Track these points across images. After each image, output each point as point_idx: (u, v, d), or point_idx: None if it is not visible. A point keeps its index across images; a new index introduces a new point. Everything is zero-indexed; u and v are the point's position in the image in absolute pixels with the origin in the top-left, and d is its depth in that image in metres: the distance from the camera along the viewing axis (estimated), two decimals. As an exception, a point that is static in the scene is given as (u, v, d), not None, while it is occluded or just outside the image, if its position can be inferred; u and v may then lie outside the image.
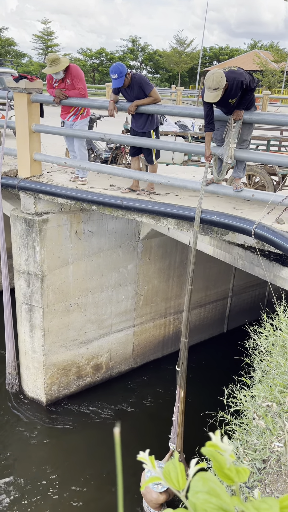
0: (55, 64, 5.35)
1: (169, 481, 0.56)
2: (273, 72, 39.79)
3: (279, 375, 2.11)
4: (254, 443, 1.70)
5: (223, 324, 9.71)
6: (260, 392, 1.99)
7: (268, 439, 1.65)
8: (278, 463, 1.58)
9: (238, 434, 1.89)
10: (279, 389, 1.96)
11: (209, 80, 4.17)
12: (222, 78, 4.16)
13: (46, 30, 49.60)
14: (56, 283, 6.56)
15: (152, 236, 7.44)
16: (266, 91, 17.60)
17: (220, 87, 4.16)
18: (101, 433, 6.61)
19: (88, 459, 6.13)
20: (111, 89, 5.52)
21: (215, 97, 4.21)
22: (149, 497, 4.96)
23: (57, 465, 6.01)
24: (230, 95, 4.32)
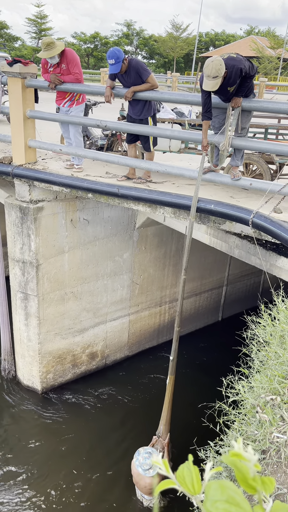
0: (50, 48, 5.23)
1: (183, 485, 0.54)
2: (269, 59, 39.41)
3: (278, 366, 2.11)
4: (254, 433, 1.70)
5: (218, 312, 9.75)
6: (259, 383, 1.99)
7: (268, 430, 1.65)
8: (278, 454, 1.59)
9: (237, 424, 1.89)
10: (278, 380, 1.95)
11: (208, 68, 4.08)
12: (222, 66, 4.08)
13: (39, 13, 48.53)
14: (52, 272, 6.52)
15: (148, 224, 7.41)
16: (263, 78, 17.42)
17: (219, 75, 4.08)
18: (96, 421, 6.65)
19: (82, 447, 6.17)
20: (107, 74, 5.42)
21: (214, 86, 4.13)
22: (143, 484, 5.02)
23: (51, 452, 6.05)
24: (229, 83, 4.25)
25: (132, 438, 6.29)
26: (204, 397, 3.97)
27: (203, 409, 3.02)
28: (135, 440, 6.17)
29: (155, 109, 5.29)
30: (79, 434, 6.40)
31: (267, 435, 1.63)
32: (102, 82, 18.96)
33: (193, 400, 5.60)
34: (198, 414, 4.51)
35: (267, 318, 2.75)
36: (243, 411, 2.07)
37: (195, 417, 4.69)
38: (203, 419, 2.53)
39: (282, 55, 37.44)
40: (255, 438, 1.68)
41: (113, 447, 6.19)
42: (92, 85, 5.83)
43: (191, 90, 20.97)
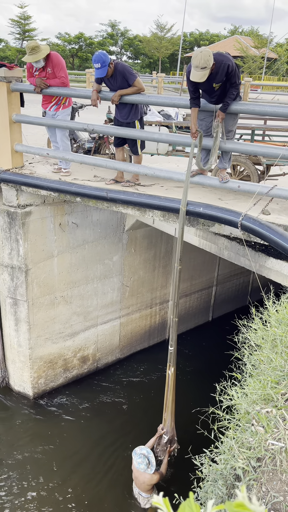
0: (35, 52, 5.19)
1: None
2: (253, 58, 39.74)
3: (270, 371, 2.12)
4: (249, 441, 1.71)
5: (208, 312, 9.79)
6: (253, 389, 2.00)
7: (263, 437, 1.66)
8: (273, 461, 1.60)
9: (231, 431, 1.89)
10: (271, 386, 1.97)
11: (197, 58, 4.04)
12: (210, 57, 4.05)
13: (22, 14, 48.19)
14: (41, 276, 6.47)
15: (137, 227, 7.40)
16: (248, 78, 17.53)
17: (208, 66, 4.06)
18: (88, 425, 6.63)
19: (76, 452, 6.14)
20: (92, 76, 5.40)
21: (201, 77, 4.09)
22: (142, 479, 5.03)
23: (44, 458, 6.01)
24: (215, 79, 4.23)
25: (126, 442, 6.28)
26: (197, 401, 3.98)
27: (196, 414, 3.03)
28: (129, 443, 6.16)
29: (142, 112, 5.29)
30: (72, 439, 6.37)
31: (262, 442, 1.64)
32: (88, 83, 18.87)
33: (186, 405, 5.61)
34: (192, 419, 4.53)
35: (259, 322, 2.77)
36: (237, 416, 2.08)
37: (189, 423, 4.70)
38: (197, 426, 2.53)
39: (266, 54, 37.77)
40: (250, 445, 1.69)
41: (107, 451, 6.17)
42: (78, 88, 5.81)
43: (177, 90, 21.02)
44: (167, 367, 5.27)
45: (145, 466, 4.96)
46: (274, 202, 4.90)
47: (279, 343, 2.30)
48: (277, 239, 3.88)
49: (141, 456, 5.01)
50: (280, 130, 5.74)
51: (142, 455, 5.03)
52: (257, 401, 1.99)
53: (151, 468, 4.97)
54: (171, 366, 5.20)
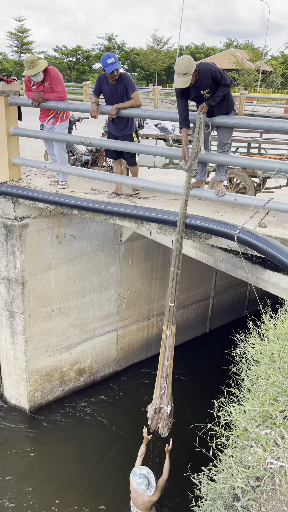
0: (33, 66, 5.24)
1: None
2: (249, 71, 40.28)
3: (269, 387, 2.11)
4: (247, 459, 1.70)
5: (205, 324, 9.76)
6: (251, 405, 1.99)
7: (262, 456, 1.65)
8: (273, 481, 1.58)
9: (229, 449, 1.88)
10: (270, 402, 1.96)
11: (178, 65, 4.15)
12: (191, 63, 4.14)
13: (20, 27, 48.76)
14: (38, 289, 6.45)
15: (134, 238, 7.41)
16: (243, 91, 17.75)
17: (189, 72, 4.14)
18: (86, 439, 6.55)
19: (73, 466, 6.06)
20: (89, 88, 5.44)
21: (184, 83, 4.18)
22: (141, 500, 4.88)
23: (40, 473, 5.92)
24: (201, 86, 4.32)
25: (124, 455, 6.21)
26: (195, 417, 3.95)
27: (194, 430, 3.00)
28: (128, 457, 6.08)
29: (136, 124, 5.35)
30: (69, 453, 6.29)
31: (261, 461, 1.63)
32: (85, 95, 19.03)
33: (184, 419, 5.53)
34: (189, 435, 4.48)
35: (256, 336, 2.76)
36: (236, 433, 2.07)
37: (187, 439, 4.65)
38: (195, 443, 2.51)
39: (261, 67, 38.28)
40: (249, 464, 1.67)
41: (105, 465, 6.09)
42: (76, 102, 5.86)
43: (174, 102, 21.23)
44: (164, 326, 4.86)
45: (145, 487, 4.73)
46: (271, 214, 4.92)
47: (277, 358, 2.30)
48: (274, 252, 3.89)
49: (141, 477, 4.84)
50: (276, 143, 5.79)
51: (142, 476, 4.85)
52: (256, 418, 1.98)
53: (150, 489, 4.74)
54: (171, 324, 4.82)
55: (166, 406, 4.99)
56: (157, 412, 5.02)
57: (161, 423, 5.00)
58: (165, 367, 4.94)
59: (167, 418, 4.99)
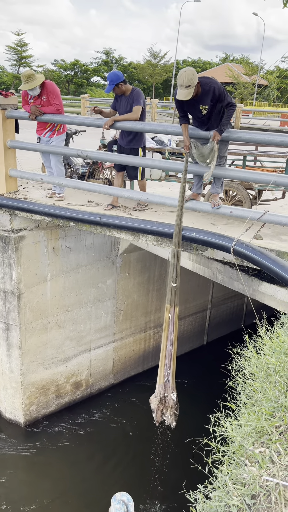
0: (30, 80, 5.30)
1: None
2: (245, 85, 40.81)
3: (265, 401, 2.09)
4: (243, 477, 1.67)
5: (203, 336, 9.72)
6: (247, 420, 1.96)
7: (258, 473, 1.62)
8: (268, 499, 1.55)
9: (225, 466, 1.85)
10: (265, 417, 1.94)
11: (181, 77, 4.17)
12: (194, 76, 4.16)
13: (19, 41, 49.41)
14: (34, 301, 6.42)
15: (131, 250, 7.41)
16: (239, 104, 17.97)
17: (192, 84, 4.16)
18: (82, 454, 6.46)
19: (69, 482, 5.97)
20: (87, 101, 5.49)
21: (186, 95, 4.20)
22: None
23: (37, 488, 5.82)
24: (201, 100, 4.34)
25: (121, 470, 6.12)
26: (190, 431, 3.89)
27: (190, 445, 2.96)
28: (125, 472, 6.01)
29: (145, 140, 5.40)
30: (65, 468, 6.19)
31: (257, 479, 1.60)
32: (83, 108, 19.23)
33: (180, 434, 5.46)
34: (185, 450, 4.42)
35: (252, 349, 2.75)
36: (232, 448, 2.04)
37: (182, 454, 4.58)
38: (191, 459, 2.47)
39: (257, 81, 38.82)
40: (244, 481, 1.65)
41: (102, 480, 6.00)
42: (72, 116, 5.91)
43: (170, 115, 21.47)
44: (166, 309, 4.64)
45: None
46: (267, 227, 4.94)
47: (273, 372, 2.28)
48: (270, 264, 3.89)
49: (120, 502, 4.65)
50: (271, 156, 5.84)
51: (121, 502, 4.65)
52: (252, 434, 1.96)
53: None
54: (174, 306, 4.59)
55: (172, 393, 4.68)
56: (162, 402, 4.70)
57: (168, 413, 4.71)
58: (168, 352, 4.69)
59: (173, 406, 4.68)
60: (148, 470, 5.59)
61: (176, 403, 4.67)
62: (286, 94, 45.06)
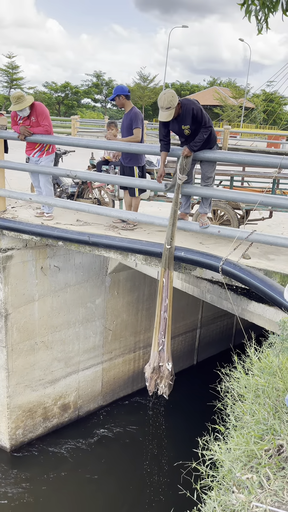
0: (20, 101, 5.35)
1: None
2: (232, 107, 41.74)
3: (253, 424, 2.06)
4: (232, 503, 1.63)
5: (192, 356, 9.64)
6: (236, 444, 1.93)
7: (247, 498, 1.58)
8: (258, 526, 1.51)
9: (214, 492, 1.80)
10: (255, 441, 1.90)
11: (161, 99, 4.29)
12: (174, 98, 4.28)
13: (10, 64, 50.13)
14: (21, 321, 6.33)
15: (120, 269, 7.39)
16: (227, 126, 18.32)
17: (172, 106, 4.28)
18: (70, 479, 6.28)
19: (56, 508, 5.77)
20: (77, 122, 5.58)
21: (167, 116, 4.32)
22: None
23: (22, 518, 5.62)
24: (183, 121, 4.46)
25: (110, 496, 5.95)
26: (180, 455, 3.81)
27: (179, 469, 2.90)
28: (114, 497, 5.83)
29: (143, 160, 5.52)
30: (53, 494, 6.00)
31: (246, 505, 1.56)
32: (73, 129, 19.43)
33: (169, 456, 5.35)
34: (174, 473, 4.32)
35: (241, 370, 2.72)
36: (221, 473, 1.99)
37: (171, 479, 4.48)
38: (179, 485, 2.41)
39: (243, 104, 39.77)
40: (233, 508, 1.60)
41: (90, 506, 5.81)
42: (61, 136, 5.97)
43: (159, 136, 21.75)
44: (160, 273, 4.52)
45: None
46: (254, 246, 4.98)
47: (262, 393, 2.26)
48: (257, 283, 3.90)
49: None
50: (258, 177, 5.93)
51: None
52: (241, 458, 1.92)
53: None
54: (168, 270, 4.49)
55: (167, 363, 4.52)
56: (156, 371, 4.55)
57: (162, 383, 4.54)
58: (163, 320, 4.56)
59: (168, 376, 4.53)
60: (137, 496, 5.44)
61: (171, 374, 4.51)
62: (272, 116, 46.21)
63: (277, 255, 4.86)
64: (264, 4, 4.02)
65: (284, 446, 1.83)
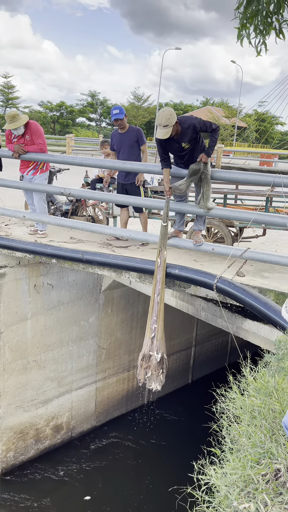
0: (15, 120, 5.39)
1: None
2: (225, 127, 42.43)
3: (250, 447, 2.00)
4: (229, 532, 1.57)
5: (187, 374, 9.52)
6: (232, 469, 1.87)
7: (244, 527, 1.53)
8: None
9: (210, 518, 1.74)
10: (251, 465, 1.85)
11: (159, 117, 4.31)
12: (172, 116, 4.29)
13: (6, 84, 50.84)
14: (13, 340, 6.23)
15: (114, 287, 7.34)
16: (220, 144, 18.59)
17: (170, 124, 4.29)
18: (63, 503, 6.09)
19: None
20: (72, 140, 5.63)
21: (165, 134, 4.33)
22: None
23: None
24: (182, 139, 4.47)
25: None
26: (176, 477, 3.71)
27: (173, 494, 2.81)
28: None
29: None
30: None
31: (243, 534, 1.50)
32: (68, 147, 19.60)
33: (164, 480, 5.19)
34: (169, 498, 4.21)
35: (236, 390, 2.67)
36: (218, 498, 1.93)
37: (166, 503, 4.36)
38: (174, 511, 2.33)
39: (236, 123, 40.45)
40: (230, 537, 1.54)
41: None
42: (56, 154, 5.99)
43: (153, 155, 22.00)
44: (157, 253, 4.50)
45: None
46: (248, 263, 4.97)
47: (258, 415, 2.21)
48: (252, 301, 3.88)
49: None
50: (251, 195, 5.97)
51: None
52: (237, 483, 1.86)
53: None
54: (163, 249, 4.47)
55: (156, 353, 4.16)
56: (146, 359, 4.26)
57: (150, 374, 4.22)
58: (156, 304, 4.39)
59: (157, 368, 4.19)
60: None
61: (161, 366, 4.20)
62: (264, 135, 47.01)
63: (271, 272, 4.85)
64: (256, 28, 4.11)
65: (282, 471, 1.78)
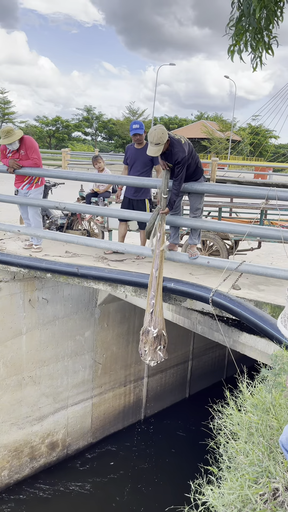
0: (9, 135, 5.41)
1: None
2: (219, 140, 42.88)
3: (247, 465, 1.97)
4: None
5: (185, 389, 9.43)
6: (229, 488, 1.83)
7: None
8: None
9: None
10: (249, 484, 1.81)
11: (151, 135, 4.34)
12: (163, 135, 4.32)
13: (2, 99, 51.30)
14: (8, 356, 6.15)
15: (110, 301, 7.30)
16: (214, 158, 18.73)
17: (161, 142, 4.32)
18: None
19: None
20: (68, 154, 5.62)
21: (156, 152, 4.36)
22: None
23: None
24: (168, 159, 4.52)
25: None
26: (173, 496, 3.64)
27: None
28: None
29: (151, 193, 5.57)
30: None
31: None
32: (63, 161, 19.68)
33: (160, 499, 5.09)
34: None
35: (233, 406, 2.64)
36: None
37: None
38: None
39: (230, 137, 40.90)
40: None
41: None
42: (50, 169, 6.01)
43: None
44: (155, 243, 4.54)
45: None
46: (244, 276, 4.97)
47: (255, 432, 2.17)
48: (248, 315, 3.86)
49: None
50: (246, 208, 5.99)
51: None
52: (235, 503, 1.82)
53: None
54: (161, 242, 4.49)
55: (153, 328, 4.19)
56: (145, 334, 4.30)
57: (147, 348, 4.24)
58: (154, 278, 4.40)
59: (152, 344, 4.21)
60: None
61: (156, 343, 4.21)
62: (258, 149, 47.51)
63: (267, 285, 4.84)
64: (246, 44, 4.18)
65: (280, 490, 1.74)
